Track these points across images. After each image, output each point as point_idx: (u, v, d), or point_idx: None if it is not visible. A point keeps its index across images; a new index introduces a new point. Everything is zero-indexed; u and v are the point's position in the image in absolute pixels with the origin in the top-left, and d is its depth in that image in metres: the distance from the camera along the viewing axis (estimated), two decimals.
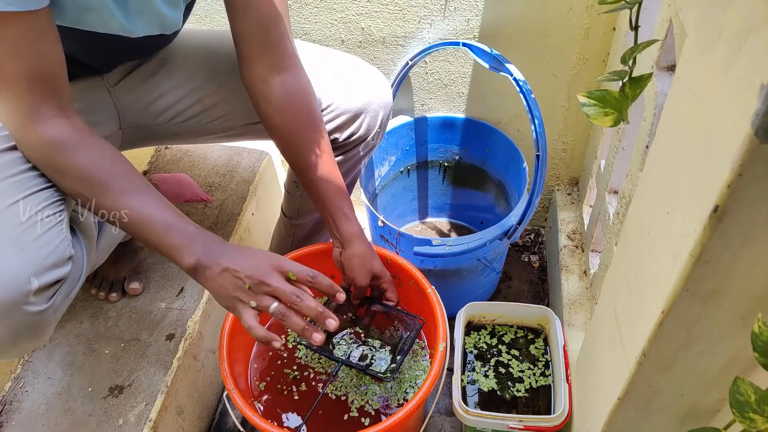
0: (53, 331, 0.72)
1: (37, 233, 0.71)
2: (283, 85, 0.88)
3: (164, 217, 0.75)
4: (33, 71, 0.68)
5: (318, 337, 0.75)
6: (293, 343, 1.04)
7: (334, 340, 1.00)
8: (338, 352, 0.98)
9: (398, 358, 0.93)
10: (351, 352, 0.98)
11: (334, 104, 0.96)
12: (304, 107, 0.89)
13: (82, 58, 0.85)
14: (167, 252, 0.75)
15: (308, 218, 1.17)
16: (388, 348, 0.98)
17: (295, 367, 1.02)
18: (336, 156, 0.99)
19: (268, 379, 1.01)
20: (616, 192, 1.07)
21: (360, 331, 1.00)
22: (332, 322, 0.76)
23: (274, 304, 0.74)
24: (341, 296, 0.80)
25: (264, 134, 0.99)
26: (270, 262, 0.75)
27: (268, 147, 1.43)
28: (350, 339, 1.01)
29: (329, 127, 0.97)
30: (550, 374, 1.07)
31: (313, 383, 1.00)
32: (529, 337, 1.13)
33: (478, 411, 0.95)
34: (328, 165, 0.90)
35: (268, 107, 0.89)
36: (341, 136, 0.98)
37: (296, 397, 0.98)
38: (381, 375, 0.91)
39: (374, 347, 0.99)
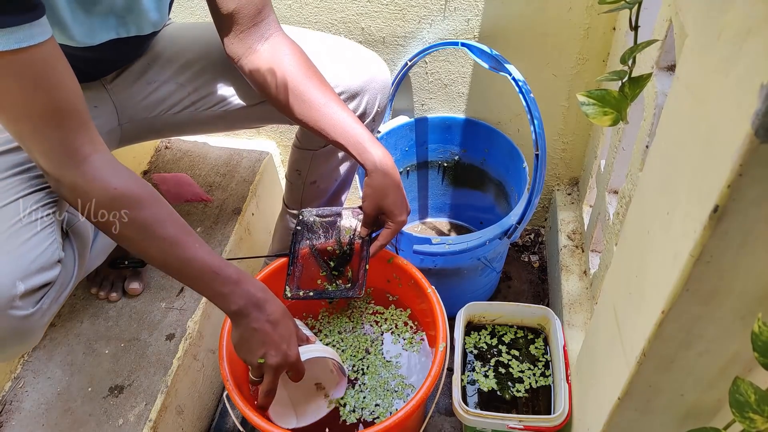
0: (52, 333, 0.72)
1: (25, 236, 0.70)
2: (272, 48, 0.89)
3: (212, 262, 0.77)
4: (56, 104, 0.65)
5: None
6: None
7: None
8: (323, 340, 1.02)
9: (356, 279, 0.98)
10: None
11: (333, 81, 0.96)
12: (296, 58, 0.89)
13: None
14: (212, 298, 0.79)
15: None
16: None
17: None
18: None
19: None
20: (616, 192, 1.07)
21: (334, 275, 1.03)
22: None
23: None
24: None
25: (262, 118, 1.00)
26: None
27: (268, 147, 1.43)
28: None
29: None
30: (550, 374, 1.07)
31: None
32: (529, 337, 1.13)
33: (478, 411, 0.95)
34: (334, 101, 0.90)
35: (260, 74, 0.89)
36: None
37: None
38: (350, 294, 0.97)
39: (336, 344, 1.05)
